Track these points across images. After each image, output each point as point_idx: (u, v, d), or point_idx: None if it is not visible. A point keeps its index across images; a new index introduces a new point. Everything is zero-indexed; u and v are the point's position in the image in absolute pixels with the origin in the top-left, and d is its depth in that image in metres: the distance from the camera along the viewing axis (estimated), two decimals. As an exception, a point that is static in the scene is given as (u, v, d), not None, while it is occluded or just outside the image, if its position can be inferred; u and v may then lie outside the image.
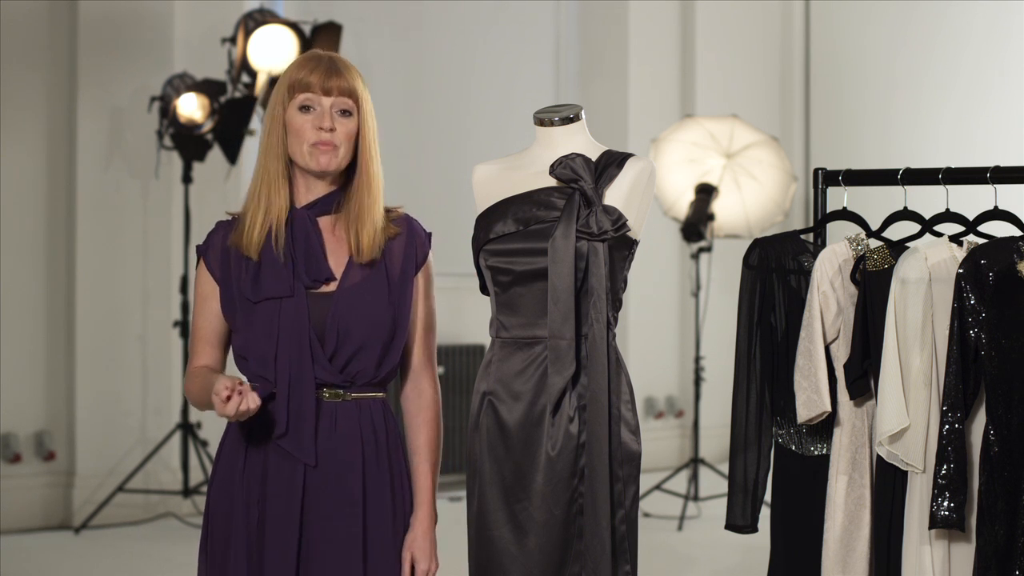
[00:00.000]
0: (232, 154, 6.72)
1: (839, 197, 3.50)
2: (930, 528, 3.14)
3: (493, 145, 8.22)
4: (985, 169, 3.31)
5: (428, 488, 2.86)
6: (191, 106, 6.54)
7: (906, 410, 3.18)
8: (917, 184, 3.39)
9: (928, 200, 3.55)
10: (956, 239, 3.28)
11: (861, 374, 3.29)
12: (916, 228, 3.40)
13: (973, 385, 3.15)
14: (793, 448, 3.42)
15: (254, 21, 6.63)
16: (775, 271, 3.41)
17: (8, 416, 6.51)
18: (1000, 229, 3.27)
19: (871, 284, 3.28)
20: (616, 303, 3.03)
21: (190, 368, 2.84)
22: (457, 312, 8.01)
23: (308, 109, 2.78)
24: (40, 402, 6.65)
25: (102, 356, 6.74)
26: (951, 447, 3.12)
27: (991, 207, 3.31)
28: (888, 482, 3.26)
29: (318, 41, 6.68)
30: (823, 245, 3.45)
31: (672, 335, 9.01)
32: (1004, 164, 3.38)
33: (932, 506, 3.12)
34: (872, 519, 3.31)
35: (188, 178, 6.71)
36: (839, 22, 9.38)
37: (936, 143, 8.73)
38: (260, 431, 2.76)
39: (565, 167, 3.02)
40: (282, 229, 2.78)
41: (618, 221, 2.99)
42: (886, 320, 3.21)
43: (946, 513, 3.10)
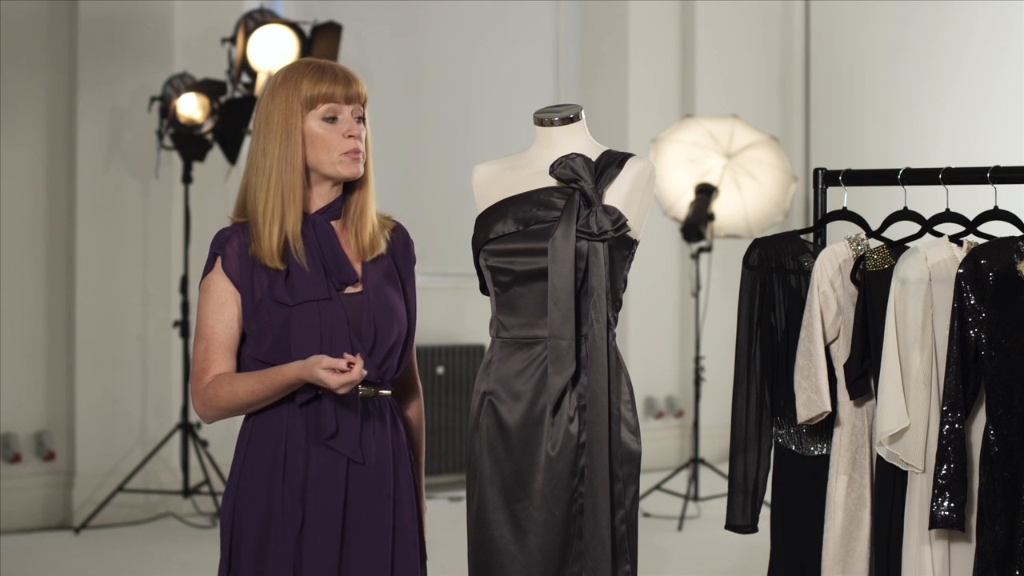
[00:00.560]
0: (232, 154, 6.72)
1: (839, 197, 3.50)
2: (930, 528, 3.14)
3: (493, 145, 8.22)
4: (985, 169, 3.31)
5: (422, 476, 3.00)
6: (191, 106, 6.54)
7: (906, 410, 3.18)
8: (917, 184, 3.40)
9: (928, 200, 3.55)
10: (956, 239, 3.28)
11: (861, 374, 3.29)
12: (916, 228, 3.40)
13: (973, 385, 3.15)
14: (793, 448, 3.42)
15: (254, 21, 6.63)
16: (775, 271, 3.41)
17: (8, 416, 6.51)
18: (1000, 229, 3.27)
19: (871, 284, 3.28)
20: (616, 303, 3.03)
21: (214, 377, 2.81)
22: (457, 312, 8.01)
23: (333, 120, 2.83)
24: (40, 402, 6.65)
25: (102, 356, 6.74)
26: (951, 447, 3.12)
27: (991, 207, 3.31)
28: (888, 482, 3.26)
29: (318, 41, 6.68)
30: (823, 245, 3.45)
31: (672, 335, 9.01)
32: (1004, 164, 3.38)
33: (932, 506, 3.12)
34: (872, 519, 3.31)
35: (188, 178, 6.71)
36: (839, 22, 9.38)
37: (936, 143, 8.72)
38: (301, 430, 2.79)
39: (565, 167, 3.02)
40: (299, 236, 2.81)
41: (618, 221, 2.99)
42: (886, 320, 3.21)
43: (946, 513, 3.11)
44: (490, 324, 3.08)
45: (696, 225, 6.90)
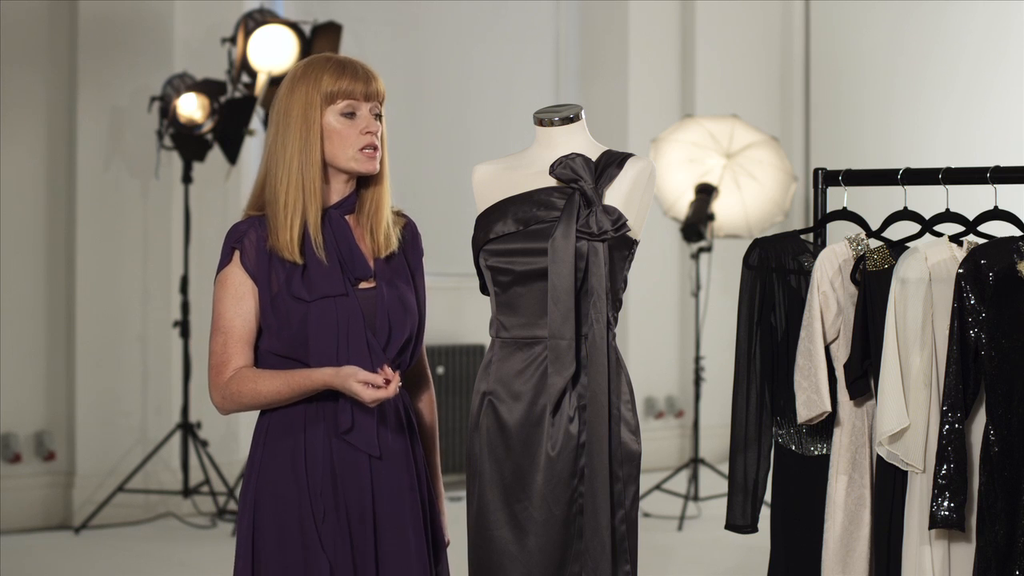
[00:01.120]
0: (232, 154, 6.72)
1: (839, 197, 3.50)
2: (930, 528, 3.14)
3: (493, 145, 8.22)
4: (985, 169, 3.31)
5: (438, 466, 3.02)
6: (191, 106, 6.54)
7: (906, 410, 3.18)
8: (917, 184, 3.40)
9: (928, 200, 3.55)
10: (956, 239, 3.28)
11: (861, 374, 3.29)
12: (916, 228, 3.40)
13: (973, 385, 3.15)
14: (793, 448, 3.42)
15: (254, 21, 6.63)
16: (775, 271, 3.41)
17: (8, 416, 6.51)
18: (1000, 229, 3.28)
19: (871, 284, 3.28)
20: (616, 303, 3.03)
21: (235, 371, 2.81)
22: (457, 312, 8.01)
23: (352, 115, 2.85)
24: (40, 402, 6.65)
25: (102, 356, 6.74)
26: (951, 447, 3.12)
27: (991, 207, 3.31)
28: (888, 482, 3.26)
29: (318, 41, 6.68)
30: (823, 245, 3.45)
31: (672, 335, 9.01)
32: (1004, 164, 3.38)
33: (932, 506, 3.12)
34: (872, 519, 3.31)
35: (188, 178, 6.71)
36: (839, 22, 9.38)
37: (936, 143, 8.72)
38: (320, 424, 2.81)
39: (565, 167, 3.02)
40: (319, 230, 2.83)
41: (618, 221, 2.99)
42: (886, 320, 3.21)
43: (946, 513, 3.11)
44: (490, 324, 3.09)
45: (696, 225, 6.90)
